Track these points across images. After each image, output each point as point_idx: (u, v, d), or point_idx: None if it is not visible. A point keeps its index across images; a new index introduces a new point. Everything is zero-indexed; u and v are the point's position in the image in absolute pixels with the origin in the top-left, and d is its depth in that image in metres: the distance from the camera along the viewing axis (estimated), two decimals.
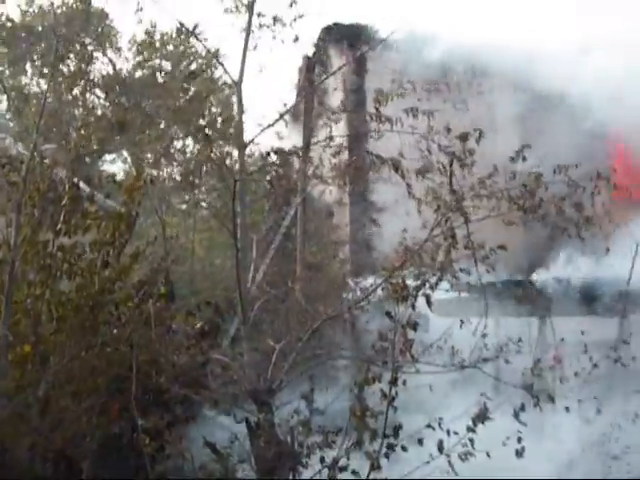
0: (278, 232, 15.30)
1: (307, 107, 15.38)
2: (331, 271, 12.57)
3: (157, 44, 22.84)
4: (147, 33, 21.53)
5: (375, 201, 15.12)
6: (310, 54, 16.76)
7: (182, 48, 23.17)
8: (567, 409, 7.21)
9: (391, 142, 7.37)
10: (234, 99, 8.97)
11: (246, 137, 7.93)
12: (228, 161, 7.77)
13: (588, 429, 8.44)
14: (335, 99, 16.22)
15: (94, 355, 7.55)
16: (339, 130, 14.21)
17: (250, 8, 7.86)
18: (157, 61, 22.99)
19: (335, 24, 16.55)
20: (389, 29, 14.48)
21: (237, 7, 7.92)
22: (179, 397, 7.13)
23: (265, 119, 7.92)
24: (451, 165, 6.41)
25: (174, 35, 23.05)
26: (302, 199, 13.54)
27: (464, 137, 6.45)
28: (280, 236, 15.38)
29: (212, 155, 7.55)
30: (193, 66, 23.24)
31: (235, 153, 8.09)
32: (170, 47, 23.14)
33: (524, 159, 6.60)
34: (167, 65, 22.86)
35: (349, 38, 15.37)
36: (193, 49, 23.11)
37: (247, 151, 9.20)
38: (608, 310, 10.78)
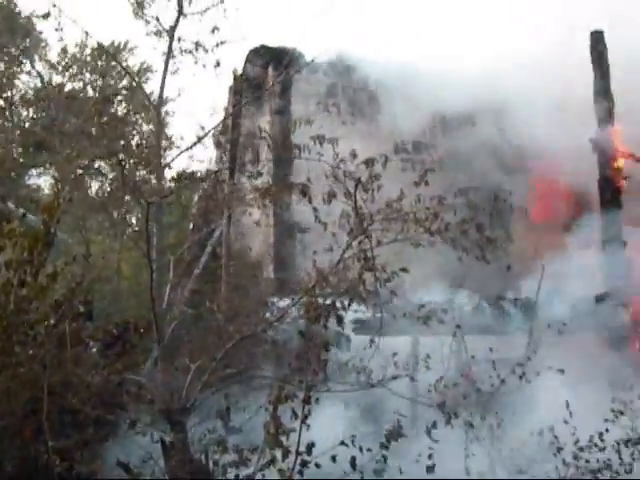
0: (204, 252, 15.36)
1: (233, 128, 15.59)
2: (254, 290, 12.69)
3: (88, 58, 22.63)
4: (62, 50, 21.27)
5: (299, 222, 15.31)
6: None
7: (113, 64, 23.06)
8: (471, 425, 7.50)
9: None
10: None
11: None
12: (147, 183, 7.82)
13: (495, 444, 8.76)
14: (262, 121, 16.48)
15: (8, 376, 7.48)
16: (264, 152, 14.50)
17: (171, 33, 7.97)
18: (87, 75, 22.78)
19: (262, 46, 16.74)
20: (317, 53, 14.78)
21: (159, 31, 8.01)
22: (92, 417, 7.13)
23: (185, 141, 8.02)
24: (356, 190, 6.63)
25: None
26: (227, 219, 13.68)
27: (368, 162, 6.68)
28: (206, 256, 15.43)
29: (125, 179, 7.62)
30: (125, 82, 23.14)
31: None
32: (100, 62, 22.96)
33: (426, 183, 6.87)
34: (98, 80, 22.64)
35: (275, 60, 15.58)
36: (124, 64, 23.04)
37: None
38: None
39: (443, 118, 17.26)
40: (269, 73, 15.90)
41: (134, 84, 18.74)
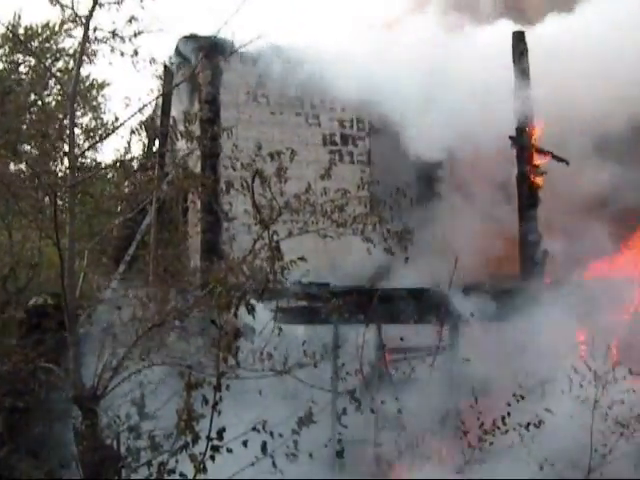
0: (134, 240, 15.29)
1: (163, 117, 15.54)
2: (176, 280, 12.68)
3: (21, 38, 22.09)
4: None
5: (227, 210, 15.35)
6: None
7: (47, 45, 22.65)
8: (372, 410, 7.78)
9: None
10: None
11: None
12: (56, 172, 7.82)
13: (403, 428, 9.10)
14: (193, 109, 16.45)
15: None
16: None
17: (87, 22, 7.91)
18: (19, 56, 22.29)
19: (192, 35, 16.63)
20: (247, 41, 14.69)
21: (72, 19, 7.95)
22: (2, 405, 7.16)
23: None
24: (253, 181, 6.81)
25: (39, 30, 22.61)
26: (156, 207, 13.65)
27: (274, 155, 6.86)
28: (136, 244, 15.35)
29: (25, 170, 7.63)
30: (60, 64, 22.73)
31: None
32: (35, 43, 22.51)
33: (330, 177, 7.10)
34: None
35: (205, 49, 15.53)
36: (60, 45, 22.75)
37: None
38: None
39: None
40: (198, 61, 15.85)
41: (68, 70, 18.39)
